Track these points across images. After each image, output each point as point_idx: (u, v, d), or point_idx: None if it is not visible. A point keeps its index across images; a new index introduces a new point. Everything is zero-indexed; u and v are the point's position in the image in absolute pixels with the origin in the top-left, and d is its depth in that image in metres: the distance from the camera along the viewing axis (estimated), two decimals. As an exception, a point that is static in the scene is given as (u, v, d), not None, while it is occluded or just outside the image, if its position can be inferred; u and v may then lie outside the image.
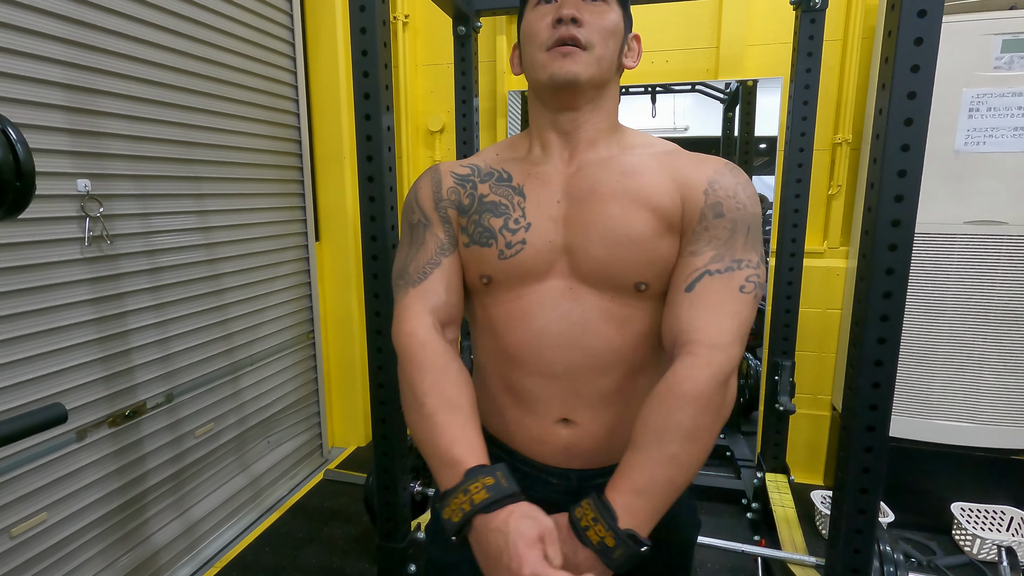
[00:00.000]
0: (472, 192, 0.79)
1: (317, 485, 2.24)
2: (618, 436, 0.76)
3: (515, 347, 0.75)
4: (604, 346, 0.73)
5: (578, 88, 0.73)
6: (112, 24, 1.44)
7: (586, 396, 0.74)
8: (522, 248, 0.74)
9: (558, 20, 0.71)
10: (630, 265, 0.71)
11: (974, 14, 1.65)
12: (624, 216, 0.71)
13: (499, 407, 0.80)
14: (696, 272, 0.69)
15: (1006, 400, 1.79)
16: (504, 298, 0.77)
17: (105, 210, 1.45)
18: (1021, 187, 1.67)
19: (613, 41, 0.74)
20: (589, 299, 0.74)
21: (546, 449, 0.77)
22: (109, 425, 1.50)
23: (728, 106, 2.27)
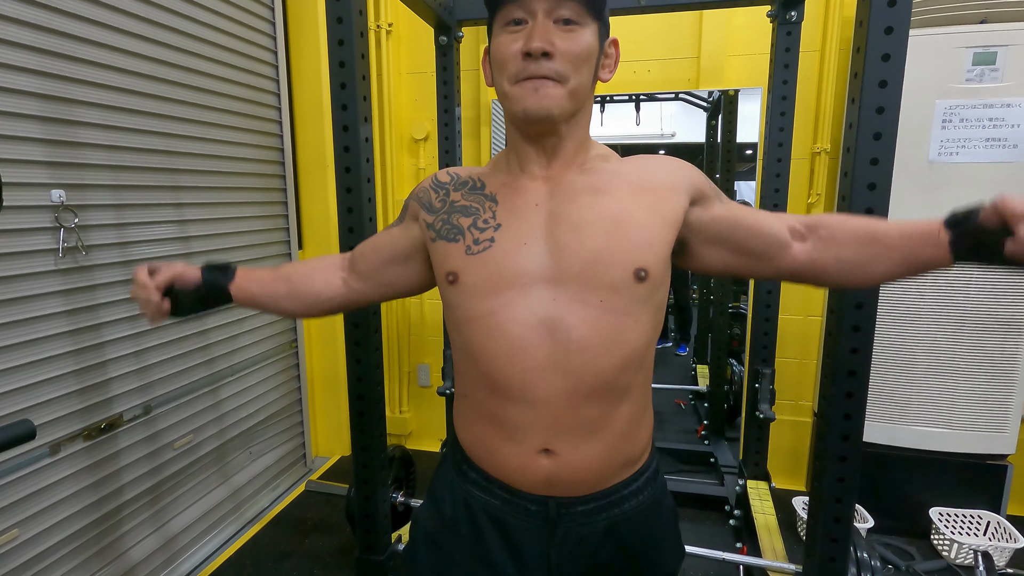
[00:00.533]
0: (444, 198, 0.81)
1: (299, 496, 2.22)
2: (599, 467, 0.74)
3: (495, 374, 0.72)
4: (588, 368, 0.70)
5: (552, 121, 0.72)
6: (88, 33, 1.43)
7: (568, 424, 0.72)
8: (490, 245, 0.73)
9: (527, 53, 0.68)
10: (628, 248, 0.70)
11: (946, 27, 1.68)
12: (623, 203, 0.73)
13: (480, 436, 0.78)
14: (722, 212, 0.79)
15: (981, 406, 1.82)
16: (477, 311, 0.73)
17: (80, 220, 1.43)
18: (992, 196, 1.70)
19: (587, 66, 0.72)
20: (575, 309, 0.70)
21: (526, 479, 0.75)
22: (84, 439, 1.48)
23: (711, 114, 2.30)
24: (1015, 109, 1.65)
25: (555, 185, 0.76)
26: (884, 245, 0.71)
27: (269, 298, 0.90)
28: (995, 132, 1.67)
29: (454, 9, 1.78)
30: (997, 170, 1.69)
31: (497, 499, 0.78)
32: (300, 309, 0.91)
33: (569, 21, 0.69)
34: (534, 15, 0.69)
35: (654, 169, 0.78)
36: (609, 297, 0.70)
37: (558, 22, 0.69)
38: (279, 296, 0.90)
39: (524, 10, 0.70)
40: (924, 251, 0.68)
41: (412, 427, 2.65)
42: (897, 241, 0.70)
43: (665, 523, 0.83)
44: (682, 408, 2.77)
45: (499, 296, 0.72)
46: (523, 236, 0.73)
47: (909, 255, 0.69)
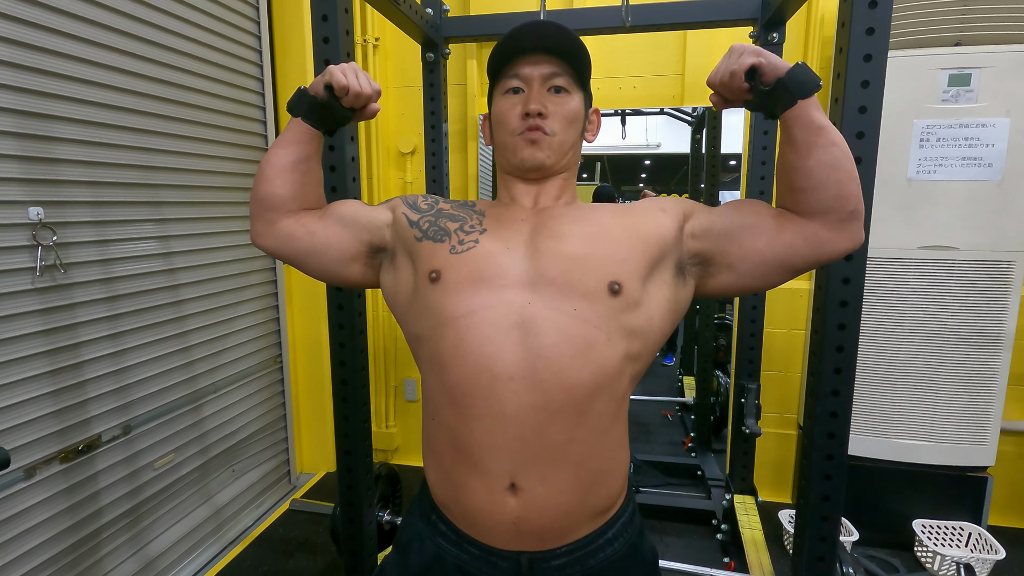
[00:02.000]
0: (433, 204, 0.88)
1: (283, 515, 2.19)
2: (569, 506, 0.72)
3: (463, 383, 0.71)
4: (556, 380, 0.69)
5: (544, 169, 0.84)
6: (66, 48, 1.41)
7: (535, 450, 0.70)
8: (474, 246, 0.78)
9: (526, 113, 0.81)
10: (604, 260, 0.74)
11: (923, 49, 1.72)
12: (601, 224, 0.79)
13: (446, 469, 0.76)
14: (715, 208, 0.83)
15: (961, 419, 1.85)
16: (456, 311, 0.73)
17: (59, 238, 1.40)
18: (969, 214, 1.74)
19: (574, 127, 0.85)
20: (549, 316, 0.71)
21: (494, 523, 0.72)
22: (60, 461, 1.44)
23: (696, 128, 2.33)
24: (990, 129, 1.69)
25: (541, 209, 0.85)
26: (785, 145, 0.76)
27: (312, 165, 0.87)
28: (971, 151, 1.71)
29: (441, 26, 1.79)
30: (973, 188, 1.73)
31: (467, 554, 0.76)
32: (293, 180, 0.85)
33: (560, 89, 0.83)
34: (531, 85, 0.82)
35: (641, 202, 0.86)
36: (583, 308, 0.72)
37: (550, 90, 0.83)
38: (312, 172, 0.87)
39: (523, 80, 0.83)
40: (785, 125, 0.75)
41: (399, 442, 2.63)
42: (784, 137, 0.76)
43: (647, 567, 0.82)
44: (669, 420, 2.78)
45: (477, 296, 0.74)
46: (507, 242, 0.78)
47: (786, 134, 0.76)
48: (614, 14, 1.65)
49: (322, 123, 0.85)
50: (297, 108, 0.84)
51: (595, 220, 0.80)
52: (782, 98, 0.73)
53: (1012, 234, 1.74)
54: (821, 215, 0.74)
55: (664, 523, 2.11)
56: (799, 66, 0.72)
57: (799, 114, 0.72)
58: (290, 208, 0.85)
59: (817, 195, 0.73)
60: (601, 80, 2.23)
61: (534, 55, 0.82)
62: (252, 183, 0.87)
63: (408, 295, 0.82)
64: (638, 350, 0.76)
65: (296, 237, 0.85)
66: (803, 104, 0.72)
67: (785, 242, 0.76)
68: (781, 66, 0.72)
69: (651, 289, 0.77)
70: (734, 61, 0.73)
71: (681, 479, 2.36)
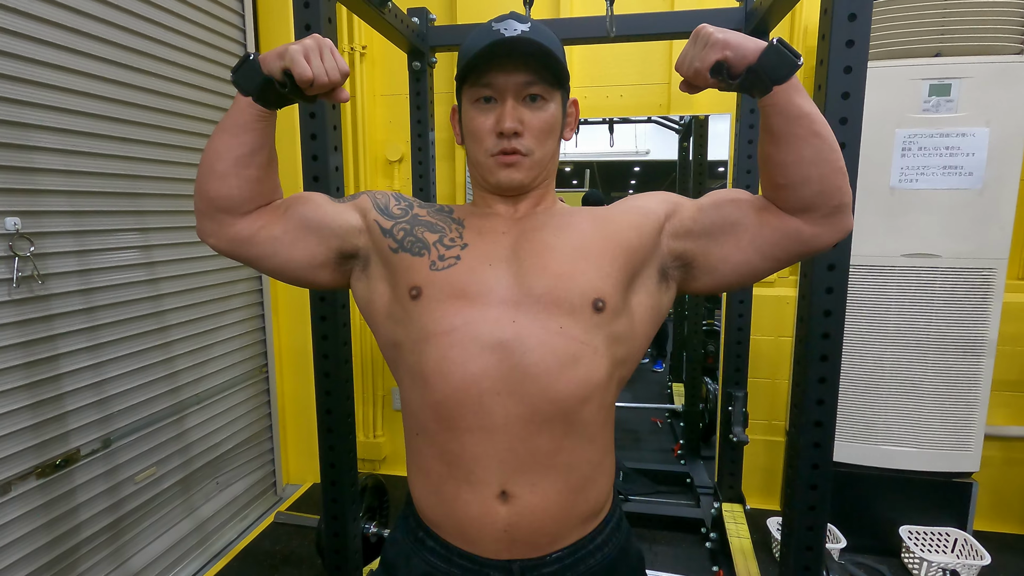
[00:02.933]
0: (407, 208, 0.82)
1: (268, 528, 2.15)
2: (559, 512, 0.73)
3: (450, 399, 0.70)
4: (544, 394, 0.69)
5: (523, 188, 0.80)
6: (44, 56, 1.39)
7: (524, 457, 0.70)
8: (455, 263, 0.75)
9: (500, 133, 0.75)
10: (588, 277, 0.72)
11: (904, 60, 1.75)
12: (582, 234, 0.77)
13: (435, 482, 0.75)
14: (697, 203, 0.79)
15: (945, 425, 1.86)
16: (438, 327, 0.72)
17: (37, 249, 1.38)
18: (951, 222, 1.76)
19: (552, 137, 0.79)
20: (535, 332, 0.70)
21: (486, 532, 0.72)
22: (37, 476, 1.41)
23: (683, 136, 2.34)
24: (970, 138, 1.72)
25: (521, 219, 0.81)
26: (763, 132, 0.71)
27: (268, 154, 0.77)
28: (952, 160, 1.74)
29: (427, 36, 1.79)
30: (954, 196, 1.75)
31: (458, 567, 0.75)
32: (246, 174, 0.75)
33: (536, 98, 0.76)
34: (504, 96, 0.75)
35: (622, 203, 0.83)
36: (568, 324, 0.71)
37: (526, 99, 0.76)
38: (269, 162, 0.77)
39: (494, 91, 0.76)
40: (762, 110, 0.70)
41: (387, 452, 2.61)
42: (762, 123, 0.71)
43: (634, 571, 0.82)
44: (658, 427, 2.77)
45: (461, 314, 0.72)
46: (489, 257, 0.75)
47: (764, 121, 0.70)
48: (599, 24, 1.66)
49: (276, 103, 0.74)
50: (246, 85, 0.71)
51: (576, 230, 0.77)
52: (755, 85, 0.67)
53: (993, 242, 1.76)
54: (803, 212, 0.70)
55: (653, 531, 2.10)
56: (771, 48, 0.65)
57: (775, 101, 0.66)
58: (246, 210, 0.76)
59: (798, 192, 0.69)
60: (588, 89, 2.24)
61: (507, 61, 0.74)
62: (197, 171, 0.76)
63: (385, 305, 0.79)
64: (623, 356, 0.76)
65: (255, 242, 0.77)
66: (779, 90, 0.66)
67: (768, 239, 0.73)
68: (750, 52, 0.65)
69: (634, 298, 0.77)
70: (697, 54, 0.67)
71: (670, 487, 2.36)
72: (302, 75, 0.68)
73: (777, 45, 0.65)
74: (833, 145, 0.68)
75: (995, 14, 1.69)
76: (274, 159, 0.79)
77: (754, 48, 0.65)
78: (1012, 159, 1.72)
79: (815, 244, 0.72)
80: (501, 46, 0.72)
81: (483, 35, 0.75)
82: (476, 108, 0.77)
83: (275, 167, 0.80)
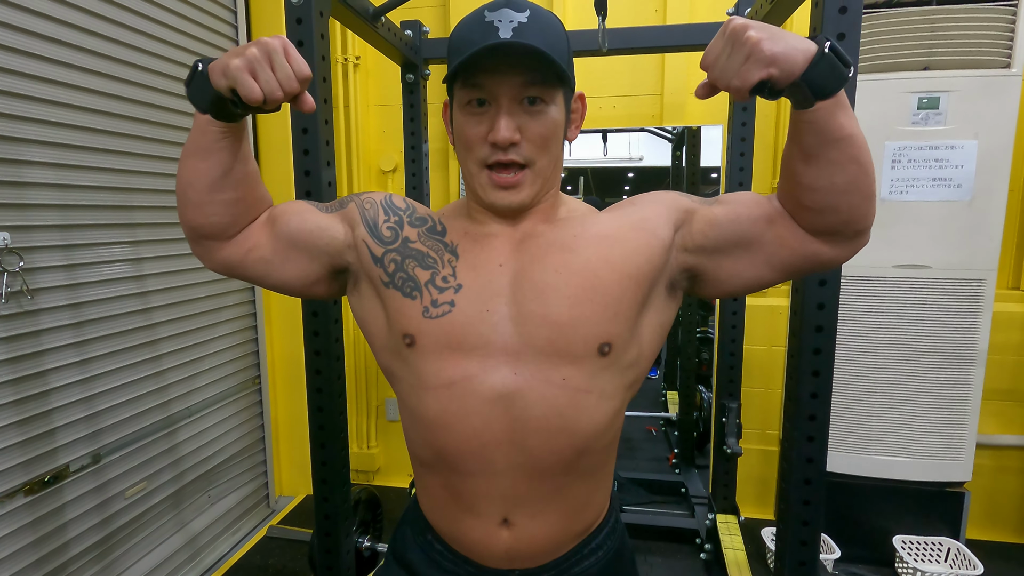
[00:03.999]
0: (396, 228, 0.74)
1: (260, 541, 2.13)
2: (558, 535, 0.75)
3: (451, 447, 0.71)
4: (546, 447, 0.69)
5: (524, 209, 0.72)
6: (37, 70, 1.38)
7: (525, 495, 0.71)
8: (450, 310, 0.69)
9: (494, 144, 0.67)
10: (594, 322, 0.67)
11: (893, 73, 1.76)
12: (588, 267, 0.69)
13: (439, 505, 0.77)
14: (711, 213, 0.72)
15: (937, 434, 1.87)
16: (436, 381, 0.69)
17: (26, 263, 1.37)
18: (941, 233, 1.78)
19: (555, 143, 0.70)
20: (536, 387, 0.67)
21: (488, 552, 0.74)
22: (25, 494, 1.39)
23: (676, 146, 2.35)
24: (958, 151, 1.73)
25: (521, 240, 0.72)
26: (791, 143, 0.63)
27: (243, 171, 0.70)
28: (941, 172, 1.75)
29: (420, 48, 1.79)
30: (944, 207, 1.77)
31: (463, 571, 0.77)
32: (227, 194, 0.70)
33: (535, 100, 0.67)
34: (498, 100, 0.67)
35: (629, 213, 0.74)
36: (571, 374, 0.68)
37: (524, 102, 0.67)
38: (246, 179, 0.71)
39: (487, 94, 0.67)
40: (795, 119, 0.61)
41: (380, 463, 2.59)
42: (792, 132, 0.63)
43: (627, 571, 0.84)
44: (653, 435, 2.77)
45: (459, 366, 0.68)
46: (485, 301, 0.69)
47: (794, 130, 0.62)
48: (591, 38, 1.66)
49: (238, 116, 0.66)
50: (199, 101, 0.64)
51: (582, 257, 0.69)
52: (796, 97, 0.58)
53: (982, 253, 1.77)
54: (826, 236, 0.65)
55: (648, 542, 2.10)
56: (823, 57, 0.54)
57: (815, 118, 0.57)
58: (232, 234, 0.72)
59: (823, 218, 0.63)
60: (581, 100, 2.25)
61: (501, 60, 0.65)
62: None
63: (381, 335, 0.76)
64: (632, 380, 0.75)
65: (246, 265, 0.74)
66: (822, 106, 0.56)
67: (783, 260, 0.68)
68: (799, 66, 0.54)
69: (643, 323, 0.73)
70: (737, 70, 0.55)
71: (665, 496, 2.35)
72: (248, 96, 0.58)
73: (830, 53, 0.54)
74: (869, 171, 0.61)
75: (982, 28, 1.71)
76: (251, 174, 0.72)
77: (803, 60, 0.54)
78: (1000, 171, 1.73)
79: (830, 264, 0.69)
80: (494, 52, 0.63)
81: (475, 27, 0.65)
82: (467, 112, 0.68)
83: (254, 181, 0.73)
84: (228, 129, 0.66)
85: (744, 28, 0.55)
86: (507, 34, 0.63)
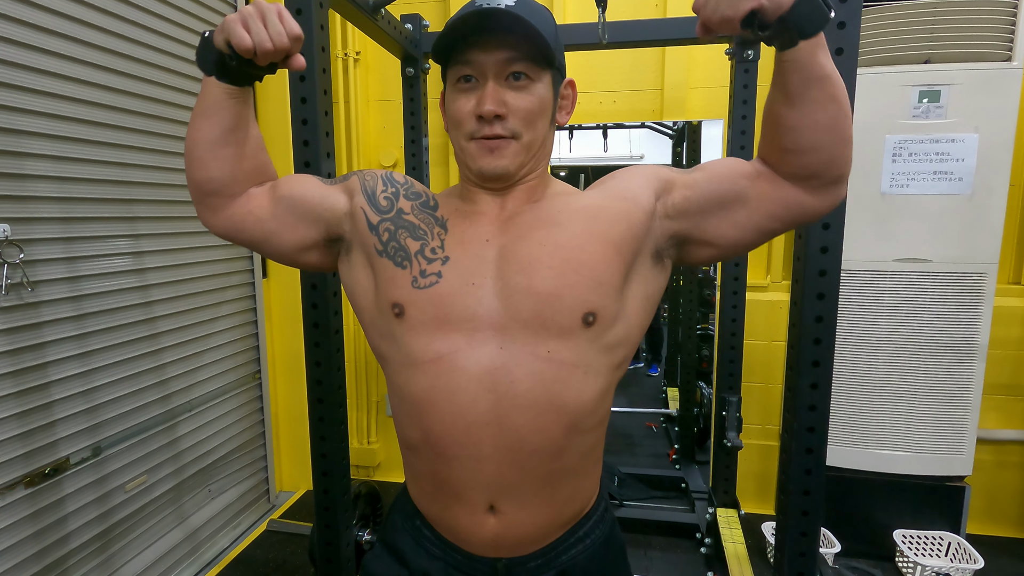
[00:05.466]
0: (392, 198, 0.78)
1: (261, 536, 2.14)
2: (545, 524, 0.75)
3: (436, 428, 0.71)
4: (533, 426, 0.69)
5: (508, 178, 0.74)
6: (38, 62, 1.38)
7: (513, 482, 0.71)
8: (437, 281, 0.71)
9: (480, 116, 0.70)
10: (578, 292, 0.68)
11: (893, 66, 1.76)
12: (572, 240, 0.71)
13: (427, 492, 0.78)
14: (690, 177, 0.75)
15: (937, 429, 1.87)
16: (423, 355, 0.70)
17: (26, 256, 1.37)
18: (941, 227, 1.78)
19: (542, 119, 0.73)
20: (523, 361, 0.68)
21: (475, 539, 0.74)
22: (25, 486, 1.39)
23: (676, 142, 2.35)
24: (959, 144, 1.73)
25: (508, 219, 0.75)
26: (775, 88, 0.67)
27: (245, 132, 0.75)
28: (942, 165, 1.75)
29: (420, 42, 1.79)
30: (944, 201, 1.77)
31: (451, 558, 0.78)
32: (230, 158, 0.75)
33: (520, 75, 0.70)
34: (484, 75, 0.70)
35: (611, 187, 0.77)
36: (557, 347, 0.69)
37: (509, 78, 0.70)
38: (248, 140, 0.76)
39: (474, 69, 0.70)
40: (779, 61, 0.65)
41: (381, 458, 2.59)
42: (776, 77, 0.66)
43: (615, 560, 0.83)
44: (654, 431, 2.78)
45: (446, 340, 0.70)
46: (472, 274, 0.71)
47: (778, 73, 0.65)
48: (591, 31, 1.66)
49: (241, 79, 0.71)
50: (205, 63, 0.70)
51: (566, 232, 0.72)
52: (780, 36, 0.61)
53: (983, 246, 1.77)
54: (806, 180, 0.68)
55: (648, 537, 2.10)
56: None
57: (798, 56, 0.61)
58: (234, 191, 0.75)
59: (805, 158, 0.66)
60: (581, 94, 2.24)
61: (488, 37, 0.68)
62: None
63: (369, 308, 0.78)
64: (620, 359, 0.75)
65: (246, 227, 0.77)
66: (804, 45, 0.60)
67: (766, 212, 0.71)
68: (786, 1, 0.58)
69: (628, 294, 0.73)
70: (726, 1, 0.59)
71: (666, 491, 2.36)
72: (239, 44, 0.64)
73: None
74: (847, 112, 0.65)
75: (983, 21, 1.71)
76: (254, 138, 0.77)
77: None
78: (1001, 164, 1.73)
79: (811, 213, 0.71)
80: (476, 17, 0.67)
81: (466, 9, 0.69)
82: (457, 89, 0.72)
83: (258, 144, 0.78)
84: (233, 91, 0.71)
85: None
86: (491, 7, 0.67)
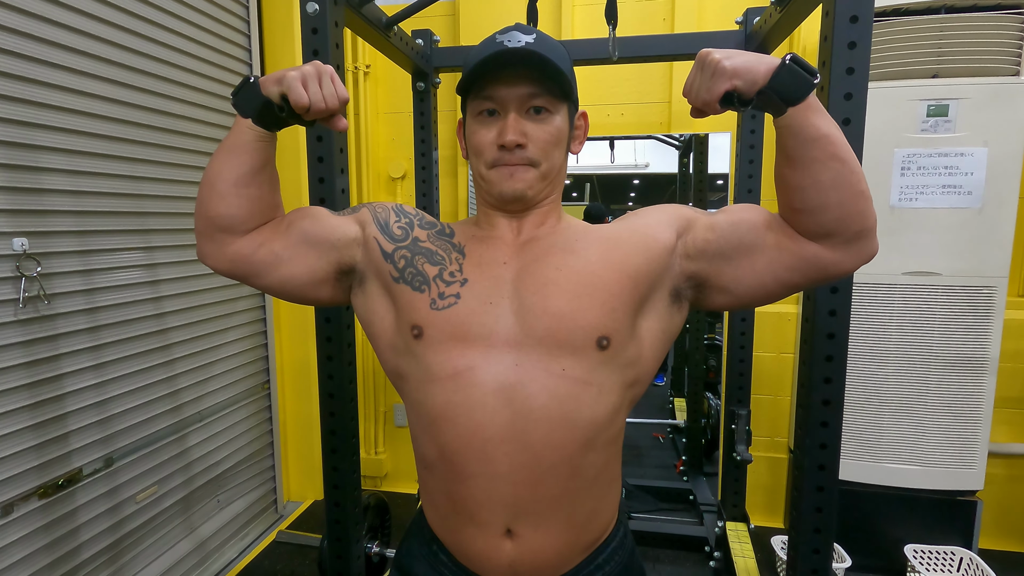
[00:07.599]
0: (407, 228, 0.80)
1: (269, 546, 2.14)
2: (563, 548, 0.74)
3: (453, 443, 0.71)
4: (547, 441, 0.69)
5: (525, 201, 0.77)
6: (53, 78, 1.41)
7: (529, 503, 0.71)
8: (455, 302, 0.73)
9: (501, 146, 0.73)
10: (592, 315, 0.70)
11: (902, 81, 1.77)
12: (588, 266, 0.73)
13: (443, 514, 0.77)
14: (711, 220, 0.76)
15: (948, 443, 1.86)
16: (441, 372, 0.71)
17: (43, 269, 1.39)
18: (951, 241, 1.77)
19: (558, 149, 0.77)
20: (537, 377, 0.69)
21: (491, 565, 0.73)
22: (39, 497, 1.40)
23: (683, 152, 2.36)
24: (968, 158, 1.73)
25: (524, 243, 0.78)
26: (777, 152, 0.69)
27: (269, 174, 0.77)
28: (951, 179, 1.75)
29: (431, 57, 1.81)
30: (954, 215, 1.77)
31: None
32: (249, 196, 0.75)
33: (540, 110, 0.74)
34: (506, 108, 0.74)
35: (633, 221, 0.78)
36: (571, 365, 0.70)
37: (530, 111, 0.74)
38: (269, 181, 0.77)
39: (497, 104, 0.74)
40: (776, 128, 0.67)
41: (388, 468, 2.59)
42: (776, 141, 0.69)
43: None
44: (660, 442, 2.76)
45: (463, 356, 0.71)
46: (489, 295, 0.73)
47: (777, 138, 0.68)
48: (601, 46, 1.68)
49: (275, 126, 0.74)
50: (245, 107, 0.72)
51: (582, 259, 0.74)
52: (768, 106, 0.65)
53: (993, 260, 1.77)
54: (823, 238, 0.67)
55: (657, 550, 2.09)
56: (784, 68, 0.62)
57: (789, 123, 0.64)
58: (246, 228, 0.76)
59: (816, 218, 0.66)
60: (590, 107, 2.26)
61: (509, 73, 0.72)
62: (197, 193, 0.76)
63: (387, 333, 0.79)
64: (633, 379, 0.75)
65: (255, 259, 0.76)
66: (794, 111, 0.63)
67: (785, 264, 0.70)
68: (761, 76, 0.62)
69: (642, 324, 0.75)
70: (704, 85, 0.65)
71: (673, 504, 2.34)
72: (298, 102, 0.68)
73: (790, 64, 0.62)
74: (854, 168, 0.64)
75: (991, 36, 1.72)
76: (275, 178, 0.79)
77: (765, 70, 0.62)
78: (1010, 178, 1.73)
79: (835, 271, 0.69)
80: (503, 57, 0.71)
81: (486, 47, 0.73)
82: (478, 121, 0.75)
83: (276, 185, 0.80)
84: (264, 135, 0.74)
85: (708, 53, 0.65)
86: (515, 47, 0.72)
